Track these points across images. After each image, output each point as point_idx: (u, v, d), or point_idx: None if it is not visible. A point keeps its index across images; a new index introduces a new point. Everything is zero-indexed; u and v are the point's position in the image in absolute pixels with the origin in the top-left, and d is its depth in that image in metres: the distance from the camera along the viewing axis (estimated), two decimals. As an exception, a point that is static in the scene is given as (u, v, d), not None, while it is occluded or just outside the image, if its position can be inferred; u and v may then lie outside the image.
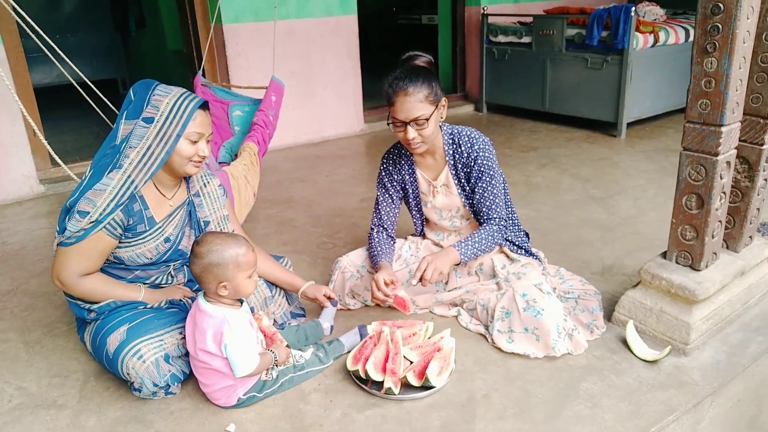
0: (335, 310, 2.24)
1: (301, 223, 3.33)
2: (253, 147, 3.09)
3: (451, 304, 2.27)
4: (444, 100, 2.11)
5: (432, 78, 2.05)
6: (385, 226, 2.34)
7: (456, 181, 2.24)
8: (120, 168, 1.81)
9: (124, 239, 1.87)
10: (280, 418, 1.77)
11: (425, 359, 1.90)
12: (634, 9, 4.45)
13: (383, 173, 2.33)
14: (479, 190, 2.19)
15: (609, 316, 2.18)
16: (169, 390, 1.85)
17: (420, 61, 2.16)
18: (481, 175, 2.17)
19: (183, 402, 1.85)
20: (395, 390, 1.81)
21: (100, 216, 1.79)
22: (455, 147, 2.20)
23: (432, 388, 1.82)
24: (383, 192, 2.34)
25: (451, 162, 2.22)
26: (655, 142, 4.66)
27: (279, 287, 2.20)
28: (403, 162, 2.29)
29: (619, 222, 3.13)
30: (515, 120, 5.55)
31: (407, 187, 2.32)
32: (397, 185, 2.33)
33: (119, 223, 1.83)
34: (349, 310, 2.33)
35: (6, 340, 2.26)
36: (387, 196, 2.33)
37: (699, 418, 1.80)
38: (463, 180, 2.23)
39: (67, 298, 1.95)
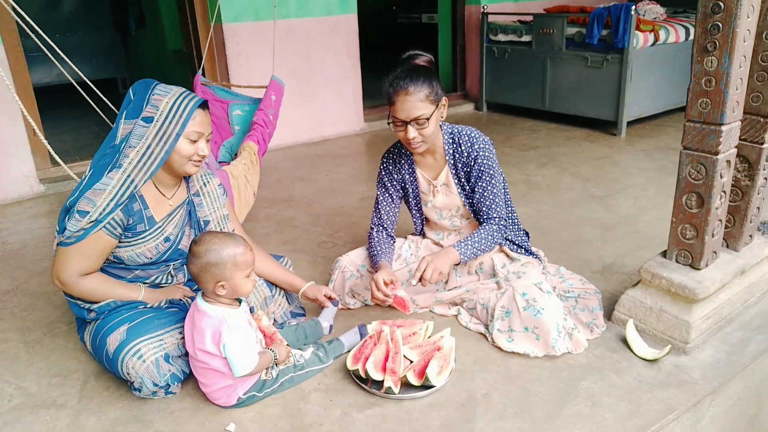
0: (336, 310, 2.23)
1: (301, 223, 3.33)
2: (253, 146, 3.09)
3: (451, 303, 2.27)
4: (444, 99, 2.11)
5: (432, 77, 2.05)
6: (385, 225, 2.34)
7: (456, 181, 2.23)
8: (120, 167, 1.81)
9: (123, 239, 1.87)
10: (280, 417, 1.77)
11: (425, 358, 1.90)
12: (634, 7, 4.44)
13: (383, 172, 2.33)
14: (479, 189, 2.19)
15: (609, 315, 2.18)
16: (169, 390, 1.85)
17: (420, 60, 2.15)
18: (481, 175, 2.17)
19: (183, 401, 1.85)
20: (395, 389, 1.81)
21: (99, 215, 1.79)
22: (455, 146, 2.20)
23: (432, 387, 1.82)
24: (383, 191, 2.34)
25: (451, 161, 2.21)
26: (656, 140, 4.65)
27: (279, 287, 2.21)
28: (403, 161, 2.29)
29: (619, 221, 3.13)
30: (515, 119, 5.54)
31: (407, 187, 2.32)
32: (397, 185, 2.33)
33: (119, 223, 1.83)
34: (349, 309, 2.33)
35: (6, 339, 2.26)
36: (387, 195, 2.33)
37: (699, 416, 1.80)
38: (463, 179, 2.22)
39: (67, 297, 1.95)
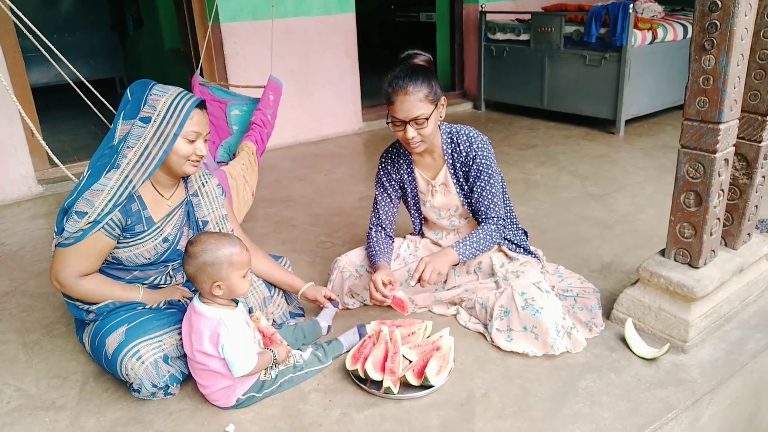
0: (335, 310, 2.23)
1: (300, 222, 3.33)
2: (252, 146, 3.09)
3: (450, 302, 2.27)
4: (443, 99, 2.11)
5: (431, 77, 2.05)
6: (384, 225, 2.33)
7: (454, 180, 2.23)
8: (118, 168, 1.81)
9: (122, 239, 1.87)
10: (279, 418, 1.77)
11: (424, 358, 1.90)
12: (632, 6, 4.44)
13: (382, 172, 2.33)
14: (478, 189, 2.19)
15: (608, 314, 2.18)
16: (168, 391, 1.85)
17: (419, 60, 2.15)
18: (480, 174, 2.17)
19: (182, 402, 1.85)
20: (394, 389, 1.81)
21: (98, 216, 1.79)
22: (454, 146, 2.20)
23: (431, 387, 1.82)
24: (382, 191, 2.33)
25: (450, 161, 2.21)
26: (654, 139, 4.66)
27: (278, 288, 2.20)
28: (402, 161, 2.29)
29: (618, 219, 3.13)
30: (513, 118, 5.54)
31: (406, 187, 2.32)
32: (396, 184, 2.33)
33: (117, 224, 1.83)
34: (348, 309, 2.33)
35: (5, 341, 2.26)
36: (385, 195, 2.33)
37: (698, 415, 1.81)
38: (462, 179, 2.22)
39: (66, 299, 1.95)
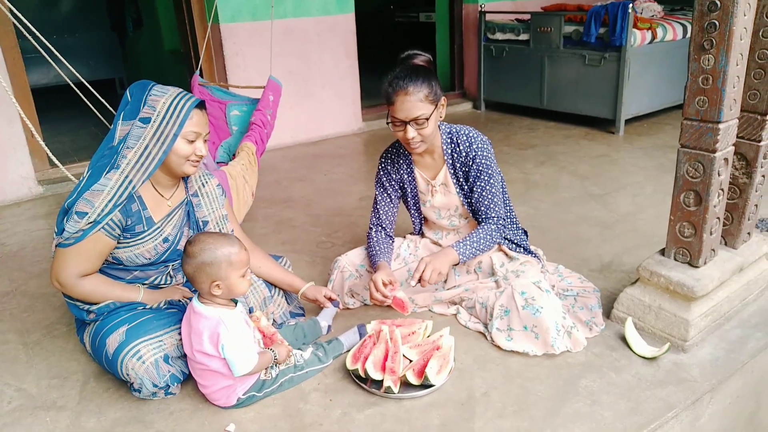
0: (335, 310, 2.23)
1: (300, 223, 3.33)
2: (251, 147, 3.09)
3: (450, 302, 2.28)
4: (443, 99, 2.11)
5: (432, 77, 2.05)
6: (384, 225, 2.34)
7: (454, 180, 2.23)
8: (118, 168, 1.81)
9: (122, 240, 1.87)
10: (279, 417, 1.77)
11: (424, 358, 1.90)
12: (631, 5, 4.44)
13: (381, 172, 2.33)
14: (477, 189, 2.19)
15: (608, 313, 2.18)
16: (169, 390, 1.85)
17: (419, 60, 2.15)
18: (480, 174, 2.17)
19: (183, 402, 1.85)
20: (395, 389, 1.81)
21: (98, 217, 1.79)
22: (453, 146, 2.20)
23: (431, 386, 1.82)
24: (381, 191, 2.34)
25: (450, 161, 2.22)
26: (654, 138, 4.66)
27: (278, 287, 2.21)
28: (402, 161, 2.29)
29: (618, 219, 3.13)
30: (513, 117, 5.55)
31: (406, 187, 2.32)
32: (396, 184, 2.33)
33: (117, 224, 1.83)
34: (349, 309, 2.33)
35: (5, 341, 2.26)
36: (385, 195, 2.33)
37: (698, 414, 1.81)
38: (462, 179, 2.22)
39: (66, 299, 1.95)
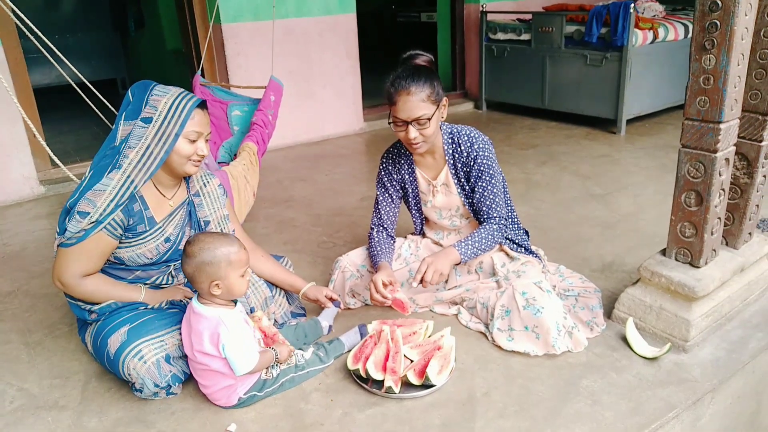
0: (336, 310, 2.23)
1: (301, 223, 3.33)
2: (253, 147, 3.09)
3: (451, 302, 2.28)
4: (445, 99, 2.11)
5: (434, 77, 2.05)
6: (385, 225, 2.34)
7: (455, 181, 2.23)
8: (119, 168, 1.82)
9: (124, 239, 1.88)
10: (281, 417, 1.77)
11: (425, 358, 1.90)
12: (633, 5, 4.44)
13: (383, 173, 2.33)
14: (479, 189, 2.19)
15: (609, 313, 2.18)
16: (170, 390, 1.86)
17: (421, 60, 2.15)
18: (481, 175, 2.17)
19: (184, 402, 1.85)
20: (396, 389, 1.81)
21: (100, 216, 1.80)
22: (455, 146, 2.20)
23: (432, 386, 1.83)
24: (383, 191, 2.34)
25: (451, 161, 2.22)
26: (655, 138, 4.65)
27: (279, 288, 2.21)
28: (403, 161, 2.29)
29: (619, 219, 3.13)
30: (515, 117, 5.54)
31: (407, 187, 2.32)
32: (397, 185, 2.33)
33: (119, 224, 1.83)
34: (350, 309, 2.33)
35: (7, 341, 2.27)
36: (386, 195, 2.33)
37: (699, 414, 1.81)
38: (463, 179, 2.22)
39: (68, 299, 1.95)
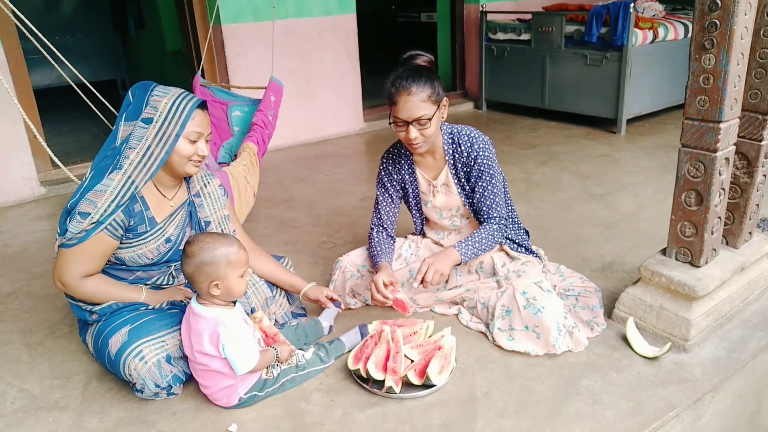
0: (337, 311, 2.23)
1: (302, 223, 3.33)
2: (253, 147, 3.09)
3: (452, 302, 2.28)
4: (445, 99, 2.11)
5: (434, 77, 2.05)
6: (385, 225, 2.34)
7: (456, 181, 2.24)
8: (120, 169, 1.82)
9: (125, 240, 1.88)
10: (281, 417, 1.77)
11: (426, 358, 1.90)
12: (633, 5, 4.44)
13: (383, 173, 2.33)
14: (479, 189, 2.19)
15: (609, 313, 2.18)
16: (171, 391, 1.86)
17: (421, 60, 2.15)
18: (481, 175, 2.17)
19: (185, 402, 1.86)
20: (396, 389, 1.81)
21: (101, 217, 1.80)
22: (455, 146, 2.20)
23: (433, 386, 1.83)
24: (383, 191, 2.34)
25: (451, 161, 2.22)
26: (655, 138, 4.66)
27: (280, 288, 2.21)
28: (403, 161, 2.30)
29: (619, 219, 3.13)
30: (515, 117, 5.55)
31: (407, 187, 2.32)
32: (397, 185, 2.33)
33: (120, 224, 1.84)
34: (350, 309, 2.33)
35: (8, 342, 2.27)
36: (387, 195, 2.33)
37: (699, 414, 1.81)
38: (463, 179, 2.23)
39: (69, 299, 1.96)
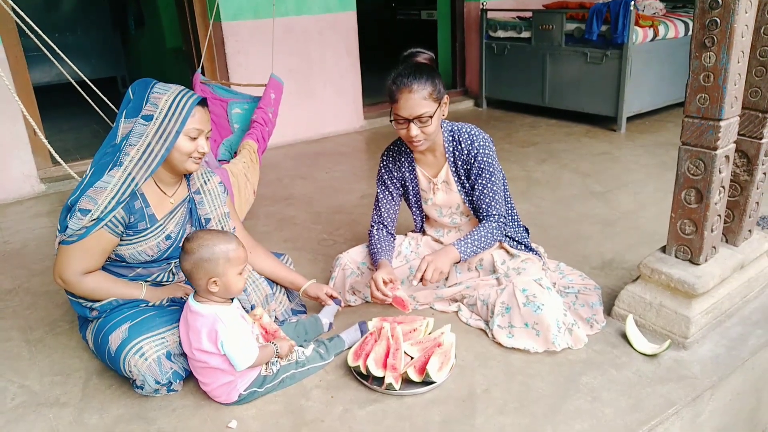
0: (337, 308, 2.24)
1: (302, 220, 3.34)
2: (253, 144, 3.09)
3: (452, 299, 2.28)
4: (446, 97, 2.11)
5: (435, 75, 2.05)
6: (385, 223, 2.34)
7: (456, 178, 2.24)
8: (120, 166, 1.82)
9: (125, 237, 1.88)
10: (281, 414, 1.78)
11: (426, 355, 1.90)
12: (633, 3, 4.43)
13: (383, 170, 2.33)
14: (479, 187, 2.19)
15: (609, 310, 2.19)
16: (171, 387, 1.86)
17: (421, 58, 2.16)
18: (481, 172, 2.17)
19: (185, 399, 1.86)
20: (396, 385, 1.81)
21: (101, 214, 1.80)
22: (455, 144, 2.20)
23: (432, 383, 1.83)
24: (383, 189, 2.34)
25: (451, 159, 2.22)
26: (655, 136, 4.65)
27: (280, 285, 2.21)
28: (403, 159, 2.30)
29: (619, 216, 3.14)
30: (515, 115, 5.54)
31: (407, 184, 2.32)
32: (397, 182, 2.33)
33: (120, 221, 1.84)
34: (350, 306, 2.34)
35: (8, 338, 2.27)
36: (387, 193, 2.34)
37: (699, 411, 1.81)
38: (463, 177, 2.23)
39: (69, 296, 1.96)
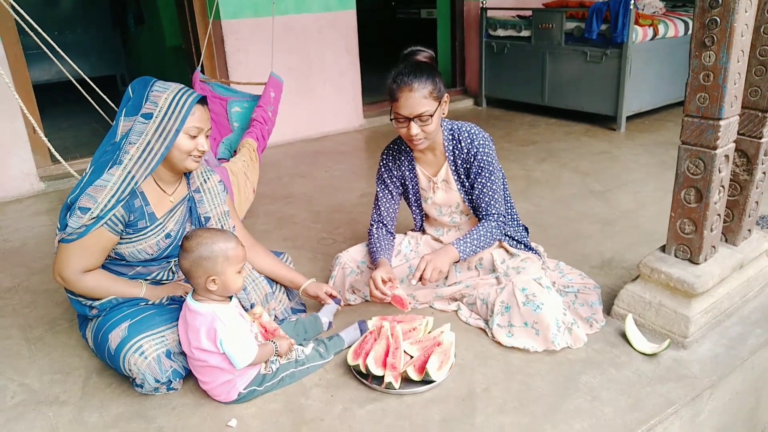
0: (336, 307, 2.24)
1: (301, 219, 3.34)
2: (252, 143, 3.09)
3: (451, 298, 2.28)
4: (446, 96, 2.11)
5: (435, 74, 2.05)
6: (385, 221, 2.34)
7: (455, 177, 2.24)
8: (120, 164, 1.82)
9: (125, 235, 1.88)
10: (281, 413, 1.78)
11: (425, 354, 1.90)
12: (633, 2, 4.43)
13: (383, 169, 2.33)
14: (479, 185, 2.19)
15: (608, 309, 2.19)
16: (171, 386, 1.86)
17: (421, 57, 2.15)
18: (481, 171, 2.17)
19: (185, 397, 1.86)
20: (396, 384, 1.81)
21: (101, 212, 1.80)
22: (455, 143, 2.20)
23: (432, 382, 1.83)
24: (383, 188, 2.34)
25: (451, 158, 2.22)
26: (655, 135, 4.66)
27: (279, 284, 2.21)
28: (403, 158, 2.30)
29: (619, 216, 3.14)
30: (515, 114, 5.54)
31: (407, 183, 2.32)
32: (397, 181, 2.33)
33: (120, 219, 1.84)
34: (350, 305, 2.34)
35: (8, 336, 2.27)
36: (386, 192, 2.34)
37: (698, 410, 1.81)
38: (463, 176, 2.23)
39: (69, 294, 1.96)
